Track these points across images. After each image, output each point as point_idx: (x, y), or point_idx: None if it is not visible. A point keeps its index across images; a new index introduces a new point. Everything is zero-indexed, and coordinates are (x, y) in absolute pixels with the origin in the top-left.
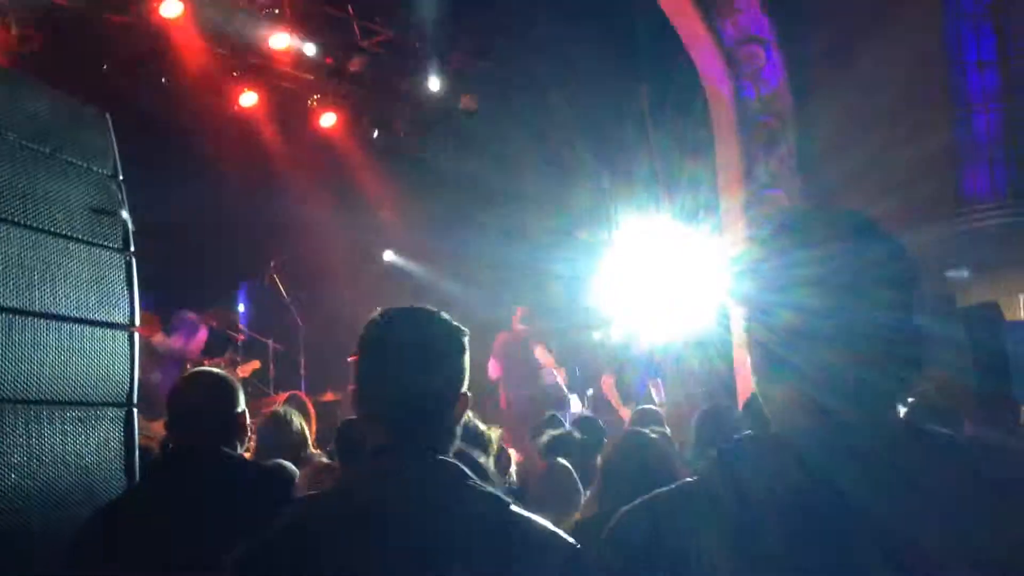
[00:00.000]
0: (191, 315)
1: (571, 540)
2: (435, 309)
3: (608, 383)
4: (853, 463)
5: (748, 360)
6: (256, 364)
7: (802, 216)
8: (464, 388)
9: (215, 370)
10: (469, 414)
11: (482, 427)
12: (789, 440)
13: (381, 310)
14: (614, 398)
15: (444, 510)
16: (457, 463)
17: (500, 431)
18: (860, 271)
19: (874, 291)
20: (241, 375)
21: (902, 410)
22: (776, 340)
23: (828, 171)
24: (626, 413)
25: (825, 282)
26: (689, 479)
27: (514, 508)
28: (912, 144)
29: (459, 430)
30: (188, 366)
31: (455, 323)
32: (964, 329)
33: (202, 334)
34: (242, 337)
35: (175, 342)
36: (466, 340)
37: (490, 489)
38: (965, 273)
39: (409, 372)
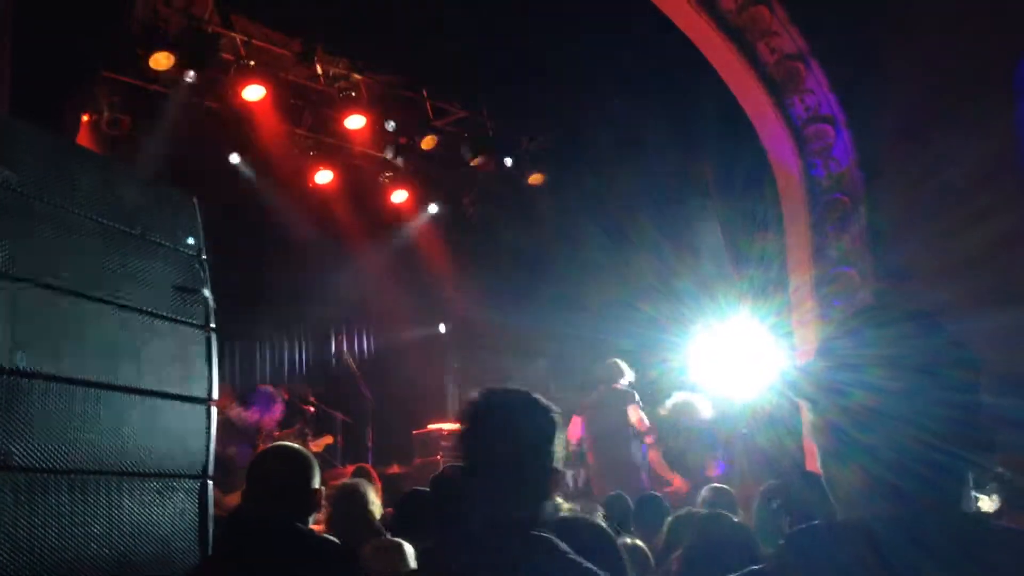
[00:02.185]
0: (268, 388)
1: None
2: (527, 391)
3: (655, 457)
4: (929, 552)
5: (816, 441)
6: (329, 439)
7: (873, 304)
8: (556, 464)
9: (294, 445)
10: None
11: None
12: (862, 525)
13: (479, 392)
14: (663, 469)
15: None
16: (550, 537)
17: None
18: (933, 352)
19: (947, 373)
20: (314, 449)
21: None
22: (849, 420)
23: (901, 249)
24: (679, 481)
25: (899, 363)
26: (761, 566)
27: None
28: (985, 222)
29: (551, 504)
30: (261, 438)
31: (546, 403)
32: None
33: (278, 407)
34: (312, 410)
35: (251, 415)
36: (558, 419)
37: (587, 564)
38: None
39: (502, 448)
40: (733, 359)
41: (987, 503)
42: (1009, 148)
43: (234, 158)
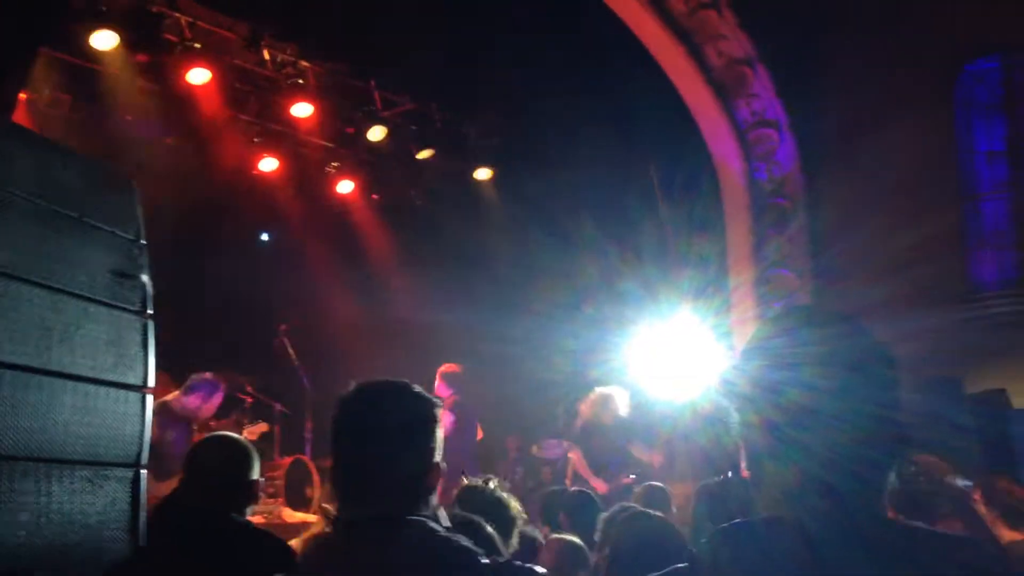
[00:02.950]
0: (210, 376)
1: None
2: (406, 383)
3: (576, 457)
4: (860, 548)
5: (749, 441)
6: (264, 427)
7: (806, 306)
8: (437, 458)
9: (233, 435)
10: (492, 484)
11: (502, 496)
12: (797, 522)
13: (354, 385)
14: (584, 469)
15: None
16: (423, 520)
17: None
18: (862, 351)
19: (875, 370)
20: (249, 437)
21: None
22: (785, 419)
23: (837, 251)
24: (599, 484)
25: (831, 361)
26: (689, 562)
27: (483, 560)
28: (921, 227)
29: (433, 498)
30: (195, 427)
31: (426, 396)
32: (970, 414)
33: (219, 396)
34: (249, 400)
35: (192, 402)
36: (438, 411)
37: (463, 543)
38: None
39: (370, 445)
40: (674, 359)
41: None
42: (946, 153)
43: (172, 141)
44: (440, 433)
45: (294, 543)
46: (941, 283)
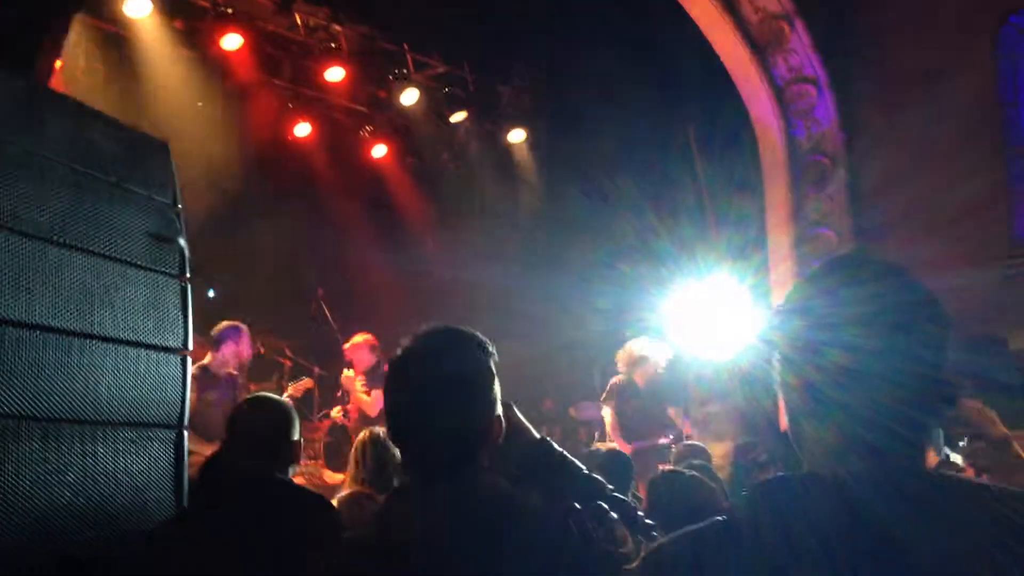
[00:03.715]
0: (226, 323)
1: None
2: (465, 330)
3: (608, 414)
4: (902, 505)
5: (788, 399)
6: (309, 383)
7: (847, 257)
8: (497, 411)
9: (273, 396)
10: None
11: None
12: (835, 479)
13: (411, 336)
14: (613, 430)
15: (480, 533)
16: (494, 483)
17: None
18: (907, 310)
19: (920, 330)
20: (293, 394)
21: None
22: (825, 379)
23: (878, 210)
24: (622, 444)
25: (875, 321)
26: (728, 514)
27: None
28: (964, 184)
29: (493, 451)
30: (239, 382)
31: (480, 341)
32: (1016, 371)
33: (244, 336)
34: (288, 363)
35: (225, 352)
36: (493, 363)
37: (532, 507)
38: None
39: (431, 401)
40: (711, 318)
41: (957, 457)
42: (989, 107)
43: (204, 107)
44: (496, 387)
45: (334, 502)
46: (985, 240)
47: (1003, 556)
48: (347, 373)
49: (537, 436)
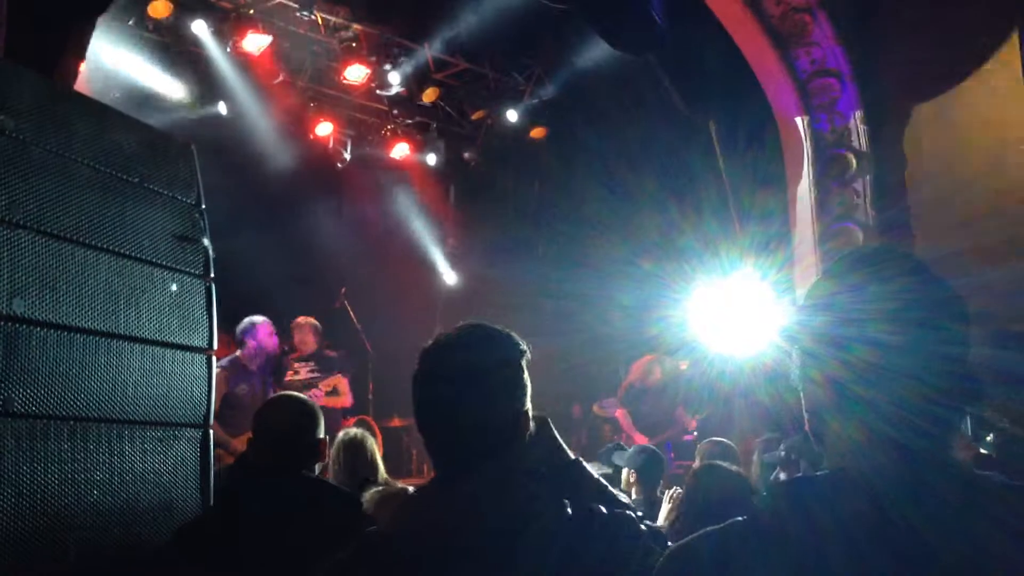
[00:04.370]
0: (245, 320)
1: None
2: (493, 326)
3: (622, 415)
4: (929, 503)
5: (805, 395)
6: (340, 378)
7: (870, 252)
8: (526, 406)
9: (299, 395)
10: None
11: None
12: (861, 476)
13: (439, 333)
14: (628, 427)
15: (508, 533)
16: (523, 481)
17: None
18: (934, 306)
19: (946, 326)
20: (324, 390)
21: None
22: (850, 375)
23: (903, 204)
24: (639, 438)
25: (900, 317)
26: (753, 515)
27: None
28: (992, 177)
29: (526, 444)
30: (272, 387)
31: (514, 339)
32: None
33: (263, 325)
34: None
35: (251, 345)
36: (525, 359)
37: (563, 507)
38: None
39: (463, 399)
40: (734, 315)
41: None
42: (1016, 96)
43: (221, 108)
44: (527, 380)
45: (364, 499)
46: (1011, 234)
47: None
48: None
49: (571, 456)
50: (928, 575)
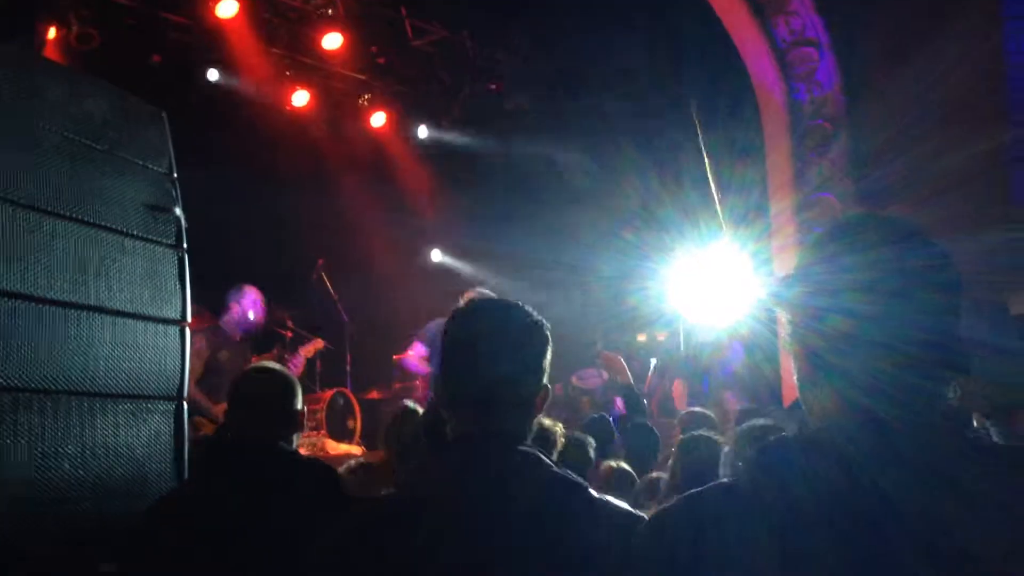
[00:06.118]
0: (231, 289)
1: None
2: (517, 302)
3: (679, 388)
4: (896, 466)
5: (793, 365)
6: (319, 343)
7: (852, 221)
8: (545, 380)
9: (275, 365)
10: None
11: (547, 423)
12: (832, 442)
13: (465, 301)
14: (683, 405)
15: (530, 499)
16: (539, 453)
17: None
18: (909, 276)
19: (923, 296)
20: (305, 356)
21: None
22: (825, 345)
23: (880, 174)
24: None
25: (875, 287)
26: (729, 478)
27: (593, 493)
28: (966, 147)
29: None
30: (249, 358)
31: (537, 315)
32: (1019, 338)
33: (250, 292)
34: (290, 334)
35: (235, 312)
36: (548, 333)
37: (574, 477)
38: None
39: (497, 361)
40: (713, 286)
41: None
42: (993, 70)
43: (212, 74)
44: (549, 355)
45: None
46: (987, 203)
47: (999, 511)
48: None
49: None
50: (895, 539)
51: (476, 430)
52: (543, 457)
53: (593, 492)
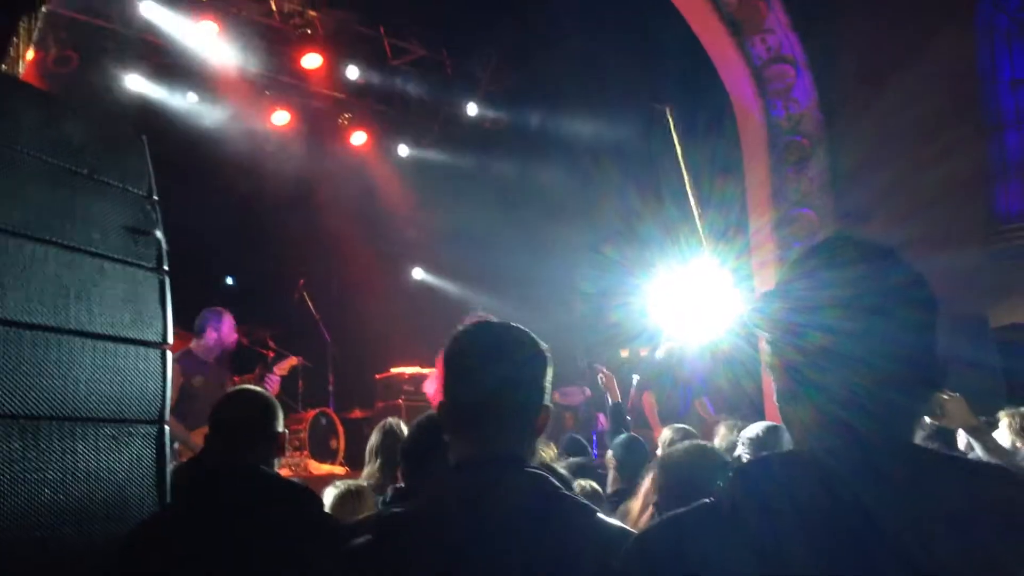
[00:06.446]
0: (206, 310)
1: None
2: (515, 324)
3: (649, 401)
4: (877, 483)
5: (773, 380)
6: (294, 360)
7: (830, 239)
8: (546, 401)
9: (255, 388)
10: None
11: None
12: (813, 459)
13: (463, 324)
14: (653, 417)
15: (540, 521)
16: (546, 474)
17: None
18: (888, 293)
19: (901, 313)
20: (279, 373)
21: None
22: (805, 361)
23: (859, 191)
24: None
25: (854, 304)
26: (711, 499)
27: (601, 516)
28: (944, 163)
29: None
30: (226, 374)
31: (535, 337)
32: (997, 352)
33: (227, 318)
34: (271, 354)
35: (209, 337)
36: (548, 355)
37: (581, 500)
38: None
39: (497, 384)
40: (694, 301)
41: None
42: (968, 84)
43: (191, 97)
44: (550, 376)
45: (326, 493)
46: (966, 218)
47: (978, 527)
48: None
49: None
50: (877, 556)
51: (480, 453)
52: (551, 479)
53: (601, 515)
